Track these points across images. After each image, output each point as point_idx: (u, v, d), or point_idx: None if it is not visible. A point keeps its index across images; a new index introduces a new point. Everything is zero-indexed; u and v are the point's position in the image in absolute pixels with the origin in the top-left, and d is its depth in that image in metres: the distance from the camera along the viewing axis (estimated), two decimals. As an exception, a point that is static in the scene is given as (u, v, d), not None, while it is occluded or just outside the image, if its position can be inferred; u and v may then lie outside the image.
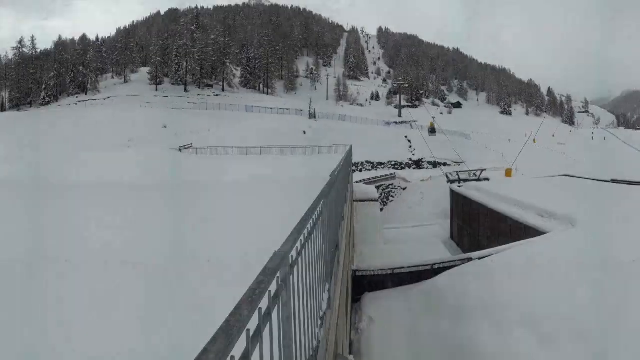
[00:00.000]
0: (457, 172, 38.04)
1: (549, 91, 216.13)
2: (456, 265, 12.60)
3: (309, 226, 3.29)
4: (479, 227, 24.61)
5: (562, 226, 15.18)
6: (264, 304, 1.74)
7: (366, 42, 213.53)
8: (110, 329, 4.83)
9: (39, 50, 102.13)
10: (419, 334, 8.72)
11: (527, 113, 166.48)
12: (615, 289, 8.04)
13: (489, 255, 12.40)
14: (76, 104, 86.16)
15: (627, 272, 8.88)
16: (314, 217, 3.60)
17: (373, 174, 52.56)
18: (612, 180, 27.18)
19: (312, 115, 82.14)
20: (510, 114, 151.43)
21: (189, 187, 16.51)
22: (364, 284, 12.00)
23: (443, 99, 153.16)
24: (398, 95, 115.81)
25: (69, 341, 4.56)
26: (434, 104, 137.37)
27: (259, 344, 1.65)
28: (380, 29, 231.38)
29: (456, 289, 9.63)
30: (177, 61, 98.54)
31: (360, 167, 57.32)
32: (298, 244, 2.76)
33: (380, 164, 62.21)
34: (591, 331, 6.72)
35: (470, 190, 27.97)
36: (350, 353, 7.96)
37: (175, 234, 8.14)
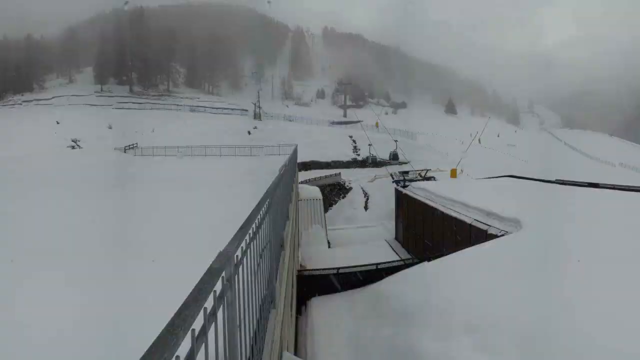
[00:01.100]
0: (401, 172, 38.43)
1: (494, 91, 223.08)
2: (400, 267, 12.76)
3: (254, 226, 3.29)
4: (424, 228, 24.36)
5: (507, 228, 15.27)
6: (209, 303, 1.74)
7: (311, 41, 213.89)
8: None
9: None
10: (362, 338, 8.70)
11: (472, 113, 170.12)
12: (560, 292, 8.21)
13: (434, 259, 12.51)
14: (21, 104, 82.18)
15: (571, 274, 9.13)
16: (259, 216, 3.60)
17: (318, 173, 52.65)
18: (557, 180, 27.51)
19: (257, 115, 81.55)
20: (456, 114, 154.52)
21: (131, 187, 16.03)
22: (309, 284, 12.02)
23: (388, 99, 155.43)
24: (343, 95, 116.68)
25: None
26: (378, 103, 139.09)
27: (204, 344, 1.65)
28: (325, 28, 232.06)
29: (400, 294, 9.60)
30: (121, 61, 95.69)
31: (306, 166, 57.36)
32: (243, 244, 2.76)
33: (326, 163, 62.45)
34: (533, 337, 6.82)
35: (415, 191, 27.62)
36: (295, 354, 7.97)
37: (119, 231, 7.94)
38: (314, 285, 12.30)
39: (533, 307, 7.75)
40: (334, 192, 50.10)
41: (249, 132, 68.26)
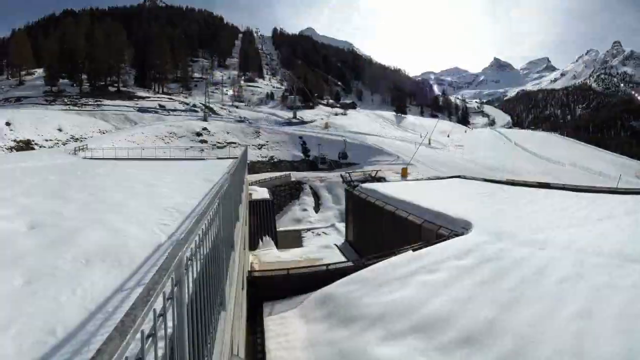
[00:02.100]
0: (351, 172, 38.71)
1: (444, 91, 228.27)
2: (351, 267, 12.82)
3: (203, 226, 3.27)
4: (374, 228, 24.40)
5: (458, 229, 15.21)
6: (158, 304, 1.72)
7: (261, 43, 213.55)
8: None
9: None
10: (313, 341, 8.65)
11: (422, 113, 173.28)
12: (510, 293, 8.37)
13: (385, 260, 12.56)
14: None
15: (519, 274, 9.28)
16: (209, 217, 3.58)
17: (268, 175, 52.56)
18: (507, 181, 27.94)
19: (207, 117, 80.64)
20: (405, 114, 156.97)
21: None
22: (260, 286, 11.95)
23: (338, 100, 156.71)
24: (293, 96, 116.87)
25: None
26: (328, 104, 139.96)
27: (153, 345, 1.63)
28: (275, 30, 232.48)
29: (351, 296, 9.57)
30: (72, 62, 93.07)
31: (256, 168, 57.10)
32: (193, 244, 2.74)
33: (275, 165, 62.39)
34: (483, 338, 6.91)
35: (365, 192, 27.56)
36: (245, 357, 7.93)
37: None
38: (264, 287, 12.22)
39: (485, 309, 7.85)
40: (284, 193, 50.05)
41: (199, 134, 67.29)
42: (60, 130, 59.95)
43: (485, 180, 29.76)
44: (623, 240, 11.84)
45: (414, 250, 12.90)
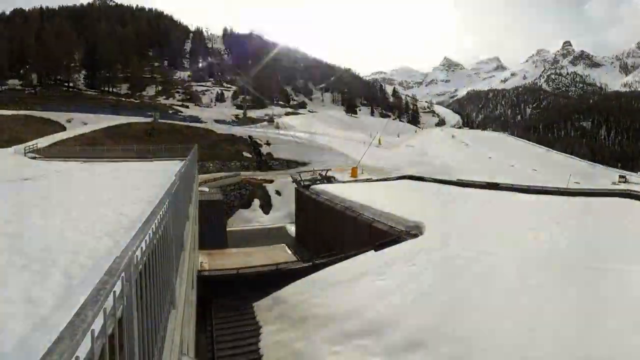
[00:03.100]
0: (301, 172, 38.63)
1: (394, 91, 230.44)
2: (300, 267, 12.84)
3: (153, 226, 3.22)
4: (324, 228, 24.31)
5: (407, 229, 15.30)
6: (109, 304, 1.69)
7: (211, 42, 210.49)
8: None
9: None
10: (262, 342, 8.58)
11: (373, 113, 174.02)
12: (457, 298, 8.42)
13: (335, 261, 12.57)
14: None
15: (466, 279, 9.38)
16: (159, 216, 3.52)
17: (218, 174, 51.94)
18: (456, 181, 28.26)
19: (157, 117, 78.90)
20: (356, 114, 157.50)
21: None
22: (209, 286, 11.81)
23: (288, 100, 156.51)
24: (243, 96, 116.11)
25: None
26: (279, 104, 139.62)
27: (104, 344, 1.60)
28: (225, 30, 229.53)
29: (300, 297, 9.51)
30: (22, 61, 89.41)
31: (206, 167, 56.25)
32: (143, 244, 2.69)
33: (226, 164, 61.66)
34: (430, 342, 6.91)
35: (315, 192, 27.57)
36: (195, 356, 7.80)
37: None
38: (214, 286, 12.07)
39: (429, 310, 7.93)
40: (234, 193, 49.54)
41: (149, 134, 65.69)
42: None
43: (435, 180, 30.08)
44: (570, 244, 12.23)
45: (364, 252, 12.98)
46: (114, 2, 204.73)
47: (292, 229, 34.08)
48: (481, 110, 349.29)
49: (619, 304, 7.62)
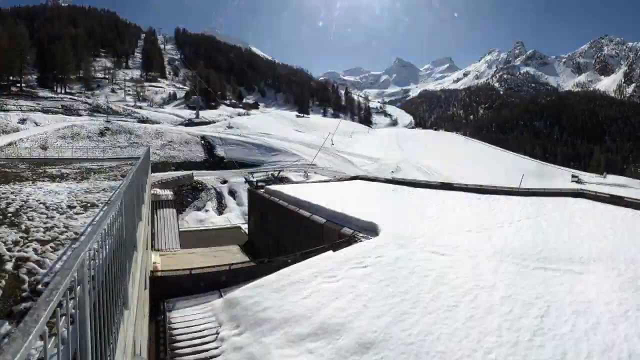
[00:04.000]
0: (254, 172, 38.42)
1: (347, 91, 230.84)
2: (254, 267, 12.73)
3: (106, 226, 3.16)
4: (278, 229, 24.18)
5: (359, 230, 15.32)
6: (61, 303, 1.67)
7: (164, 43, 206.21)
8: None
9: None
10: (219, 345, 8.44)
11: (325, 114, 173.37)
12: (408, 301, 8.51)
13: (288, 261, 12.49)
14: None
15: (418, 281, 9.51)
16: (111, 216, 3.46)
17: (171, 175, 50.93)
18: (409, 181, 28.46)
19: (110, 117, 76.81)
20: (308, 114, 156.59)
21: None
22: (162, 286, 11.56)
23: (240, 100, 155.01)
24: (195, 96, 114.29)
25: None
26: (231, 104, 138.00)
27: (56, 343, 1.58)
28: (177, 30, 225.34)
29: (255, 301, 9.33)
30: None
31: (158, 168, 55.06)
32: (95, 244, 2.65)
33: (178, 165, 60.59)
34: (379, 344, 6.97)
35: (268, 192, 27.38)
36: (148, 357, 7.65)
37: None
38: (167, 287, 11.81)
39: (379, 313, 7.97)
40: (186, 194, 48.73)
41: (102, 133, 63.66)
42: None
43: (387, 180, 30.41)
44: (523, 244, 12.47)
45: (318, 254, 12.95)
46: (67, 2, 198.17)
47: (245, 228, 33.75)
48: (433, 110, 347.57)
49: (569, 307, 7.91)
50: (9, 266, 6.14)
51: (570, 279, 9.58)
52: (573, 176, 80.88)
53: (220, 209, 47.53)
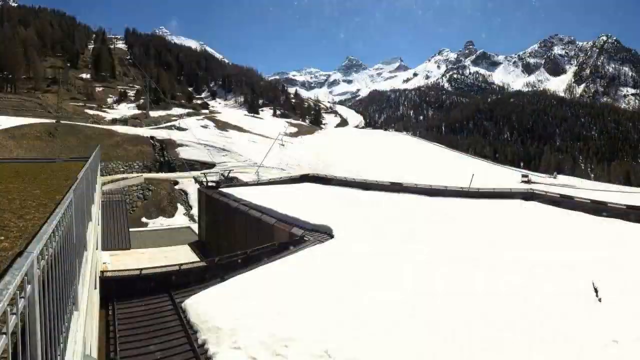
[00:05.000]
0: (205, 173, 37.77)
1: (297, 92, 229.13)
2: (203, 267, 12.52)
3: (54, 225, 3.05)
4: (228, 229, 23.90)
5: (310, 231, 15.28)
6: (10, 304, 1.60)
7: (114, 43, 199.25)
8: None
9: None
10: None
11: (275, 114, 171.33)
12: (362, 304, 8.52)
13: (238, 262, 12.32)
14: None
15: (371, 281, 9.57)
16: (60, 215, 3.34)
17: (121, 175, 49.48)
18: (359, 181, 28.37)
19: (59, 118, 73.62)
20: (258, 114, 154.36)
21: None
22: (112, 286, 11.20)
23: (191, 100, 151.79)
24: (145, 97, 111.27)
25: None
26: (181, 104, 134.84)
27: (4, 344, 1.52)
28: (127, 30, 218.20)
29: (205, 308, 9.11)
30: None
31: (109, 168, 53.25)
32: (43, 244, 2.55)
33: (129, 165, 58.82)
34: (327, 347, 6.90)
35: (218, 192, 27.11)
36: (98, 358, 7.39)
37: None
38: (117, 287, 11.47)
39: (332, 320, 7.89)
40: (137, 194, 47.42)
41: (51, 134, 60.86)
42: None
43: (338, 181, 30.47)
44: (471, 244, 12.58)
45: (268, 255, 12.83)
46: (16, 2, 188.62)
47: (195, 228, 33.19)
48: (383, 110, 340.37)
49: (520, 319, 7.87)
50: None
51: (515, 281, 9.77)
52: (523, 176, 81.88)
53: (171, 208, 46.51)
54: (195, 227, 33.80)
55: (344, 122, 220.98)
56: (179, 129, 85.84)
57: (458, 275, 10.17)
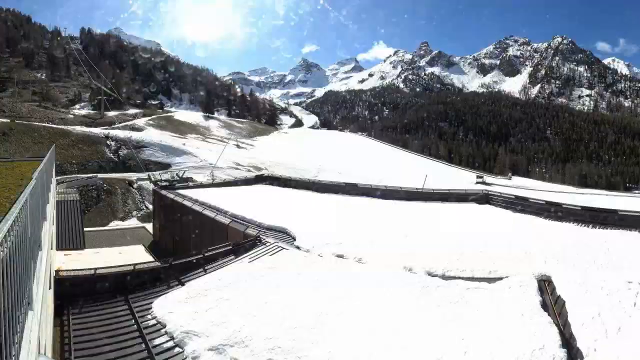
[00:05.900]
0: (160, 174, 36.85)
1: (251, 92, 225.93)
2: (158, 268, 12.25)
3: (8, 224, 2.93)
4: (182, 229, 23.46)
5: (267, 232, 15.08)
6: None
7: (69, 42, 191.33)
8: None
9: None
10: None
11: (230, 114, 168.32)
12: (322, 310, 8.40)
13: (193, 263, 12.15)
14: None
15: (325, 296, 9.30)
16: (15, 214, 3.20)
17: (76, 175, 47.71)
18: (314, 182, 27.99)
19: (14, 117, 70.31)
20: (213, 114, 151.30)
21: None
22: (67, 287, 10.79)
23: (146, 100, 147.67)
24: (100, 97, 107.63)
25: None
26: (136, 105, 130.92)
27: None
28: (82, 29, 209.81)
29: (162, 313, 8.88)
30: None
31: (64, 168, 51.16)
32: None
33: (84, 165, 56.76)
34: (284, 352, 6.86)
35: (173, 193, 26.54)
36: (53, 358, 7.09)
37: None
38: (71, 286, 11.07)
39: (289, 326, 7.79)
40: (92, 193, 45.79)
41: (4, 133, 57.90)
42: None
43: (294, 183, 30.33)
44: (432, 247, 12.37)
45: (223, 256, 12.65)
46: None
47: (150, 228, 32.36)
48: (339, 111, 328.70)
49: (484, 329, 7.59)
50: None
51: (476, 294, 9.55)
52: (478, 177, 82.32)
53: (126, 209, 45.22)
54: (150, 227, 32.91)
55: (299, 123, 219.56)
56: (135, 129, 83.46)
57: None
